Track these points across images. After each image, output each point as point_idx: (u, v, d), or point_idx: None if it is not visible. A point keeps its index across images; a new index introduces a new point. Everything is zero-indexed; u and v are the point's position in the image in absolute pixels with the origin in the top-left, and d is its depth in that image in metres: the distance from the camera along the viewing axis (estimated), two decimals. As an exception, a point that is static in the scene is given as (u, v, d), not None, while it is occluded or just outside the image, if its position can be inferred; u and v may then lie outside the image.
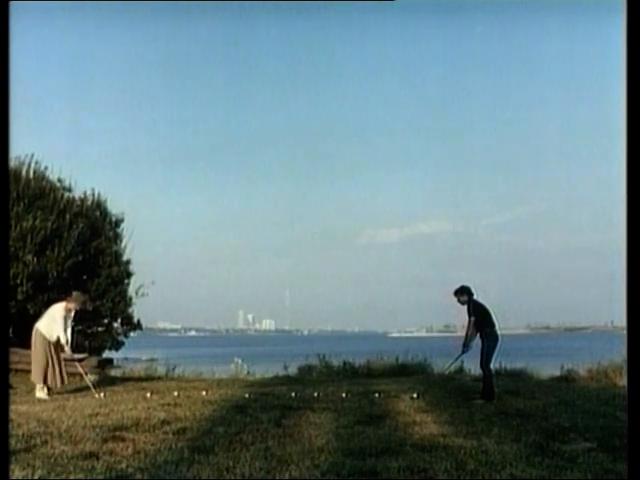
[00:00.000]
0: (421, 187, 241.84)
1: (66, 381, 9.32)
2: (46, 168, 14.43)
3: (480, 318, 8.45)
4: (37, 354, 9.13)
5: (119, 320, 14.98)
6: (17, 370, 10.14)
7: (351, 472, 4.27)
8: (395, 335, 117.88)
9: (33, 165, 14.21)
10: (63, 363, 9.33)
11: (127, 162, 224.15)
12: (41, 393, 8.80)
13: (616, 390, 9.39)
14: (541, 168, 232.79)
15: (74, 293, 9.67)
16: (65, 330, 9.22)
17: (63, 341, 9.23)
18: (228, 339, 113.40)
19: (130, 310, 15.05)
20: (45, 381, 9.06)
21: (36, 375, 9.04)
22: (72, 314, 9.40)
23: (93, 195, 15.13)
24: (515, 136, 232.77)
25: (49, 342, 9.18)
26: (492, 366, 8.84)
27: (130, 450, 4.98)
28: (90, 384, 9.40)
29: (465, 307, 8.54)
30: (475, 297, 8.60)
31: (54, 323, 9.20)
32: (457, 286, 8.62)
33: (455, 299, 8.63)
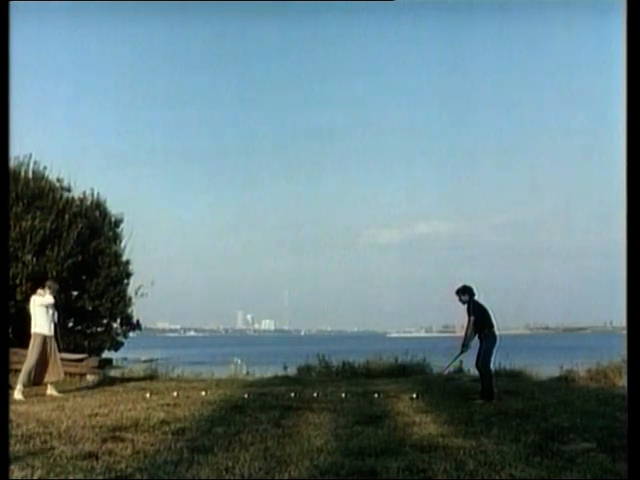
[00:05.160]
0: (422, 187, 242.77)
1: (61, 376, 9.43)
2: (45, 168, 14.44)
3: (479, 318, 8.45)
4: (31, 352, 9.21)
5: (118, 320, 14.96)
6: (17, 370, 10.10)
7: (350, 472, 4.27)
8: (394, 335, 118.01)
9: (32, 165, 14.21)
10: (56, 358, 9.39)
11: (127, 162, 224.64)
12: (19, 394, 8.76)
13: (615, 390, 9.39)
14: (541, 169, 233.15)
15: (47, 282, 9.73)
16: (38, 318, 9.24)
17: (46, 330, 9.26)
18: (227, 339, 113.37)
19: (129, 310, 15.03)
20: (38, 381, 9.13)
21: (23, 374, 9.08)
22: (50, 302, 9.38)
23: (92, 195, 15.13)
24: (516, 136, 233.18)
25: (44, 336, 9.26)
26: (491, 366, 8.85)
27: (129, 450, 4.98)
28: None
29: (465, 307, 8.55)
30: (476, 297, 8.62)
31: (36, 316, 9.30)
32: (459, 285, 8.64)
33: (456, 298, 8.65)
